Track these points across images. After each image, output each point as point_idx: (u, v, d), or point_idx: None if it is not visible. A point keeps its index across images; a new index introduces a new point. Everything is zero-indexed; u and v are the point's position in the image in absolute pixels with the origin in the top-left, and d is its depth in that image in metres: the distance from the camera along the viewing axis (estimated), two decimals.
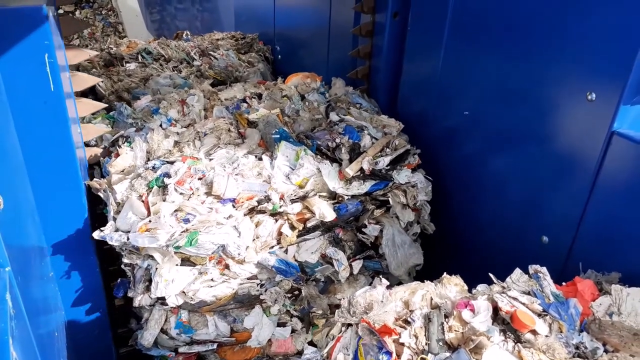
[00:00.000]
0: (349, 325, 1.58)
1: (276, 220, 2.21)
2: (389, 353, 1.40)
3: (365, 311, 1.58)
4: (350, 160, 2.40)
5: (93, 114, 2.91)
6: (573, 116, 1.85)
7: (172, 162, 2.28)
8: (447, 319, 1.49)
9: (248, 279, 2.19)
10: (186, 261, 2.08)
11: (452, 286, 1.65)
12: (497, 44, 2.14)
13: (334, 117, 2.73)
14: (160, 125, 2.74)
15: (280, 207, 2.17)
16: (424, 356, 1.38)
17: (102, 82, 3.86)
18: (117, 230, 2.08)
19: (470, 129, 2.41)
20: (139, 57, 4.44)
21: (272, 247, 2.20)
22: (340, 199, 2.34)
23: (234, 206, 2.13)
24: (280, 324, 2.30)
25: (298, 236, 2.25)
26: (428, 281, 1.69)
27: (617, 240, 1.77)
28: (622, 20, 1.62)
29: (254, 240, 2.14)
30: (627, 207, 1.72)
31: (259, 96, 3.06)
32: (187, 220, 1.99)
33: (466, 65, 2.36)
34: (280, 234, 2.19)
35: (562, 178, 1.94)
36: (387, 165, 2.41)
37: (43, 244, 2.14)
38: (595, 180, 1.80)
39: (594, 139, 1.77)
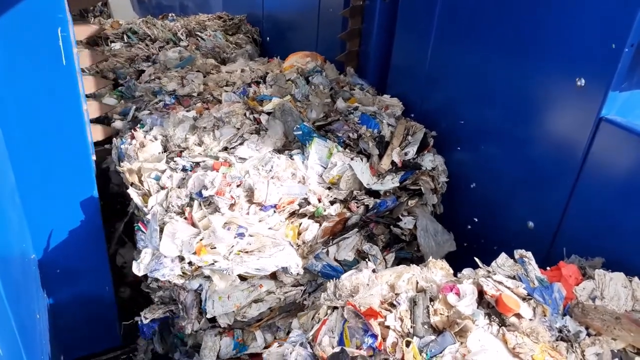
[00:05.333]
0: (335, 308, 1.57)
1: (320, 224, 2.17)
2: (374, 336, 1.40)
3: (351, 294, 1.57)
4: (380, 153, 2.40)
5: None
6: (562, 102, 1.85)
7: (197, 163, 2.24)
8: (432, 303, 1.49)
9: (293, 285, 2.16)
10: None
11: (437, 270, 1.66)
12: (488, 30, 2.12)
13: (340, 104, 2.72)
14: (165, 105, 2.83)
15: (325, 210, 2.15)
16: (409, 339, 1.38)
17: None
18: (153, 255, 1.94)
19: (458, 116, 2.40)
20: (125, 36, 4.35)
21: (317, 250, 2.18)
22: (387, 194, 2.34)
23: (275, 211, 2.09)
24: None
25: (339, 235, 2.24)
26: (414, 265, 1.69)
27: (601, 225, 1.79)
28: (612, 6, 1.61)
29: (299, 246, 2.11)
30: (612, 194, 1.74)
31: (263, 78, 3.07)
32: (241, 235, 1.94)
33: (456, 51, 2.34)
34: (323, 235, 2.16)
35: (549, 164, 1.95)
36: (414, 154, 2.44)
37: (24, 226, 2.10)
38: (582, 167, 1.81)
39: (582, 125, 1.77)
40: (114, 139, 2.62)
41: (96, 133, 2.60)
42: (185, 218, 1.99)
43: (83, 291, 2.42)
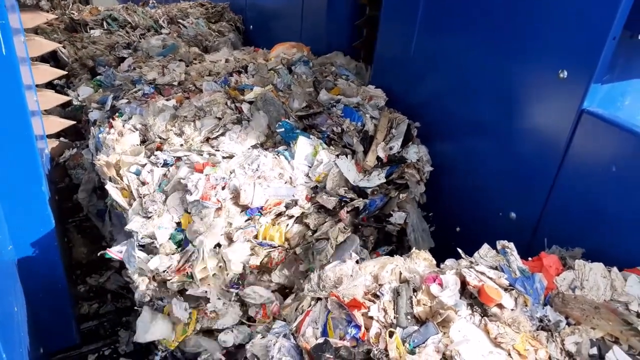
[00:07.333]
0: (319, 299, 1.57)
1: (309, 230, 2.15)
2: (357, 326, 1.40)
3: (334, 285, 1.57)
4: (364, 149, 2.37)
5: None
6: (545, 94, 1.86)
7: (179, 158, 2.17)
8: (415, 293, 1.50)
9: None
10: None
11: (420, 260, 1.66)
12: (472, 22, 2.12)
13: (323, 95, 2.68)
14: (144, 94, 2.77)
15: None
16: (392, 330, 1.38)
17: (64, 48, 3.70)
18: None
19: (442, 107, 2.40)
20: (104, 23, 4.25)
21: None
22: (375, 192, 2.32)
23: (260, 213, 2.06)
24: None
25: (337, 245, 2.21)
26: (397, 255, 1.69)
27: (582, 216, 1.81)
28: None
29: (287, 250, 2.09)
30: (592, 185, 1.76)
31: (245, 68, 3.02)
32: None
33: (440, 42, 2.33)
34: None
35: (531, 155, 1.96)
36: (399, 148, 2.42)
37: (1, 217, 2.05)
38: (564, 158, 1.82)
39: (564, 117, 1.78)
40: (92, 128, 2.57)
41: (51, 125, 2.55)
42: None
43: (41, 286, 2.35)
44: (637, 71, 1.87)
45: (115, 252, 1.96)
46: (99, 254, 2.02)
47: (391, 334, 1.37)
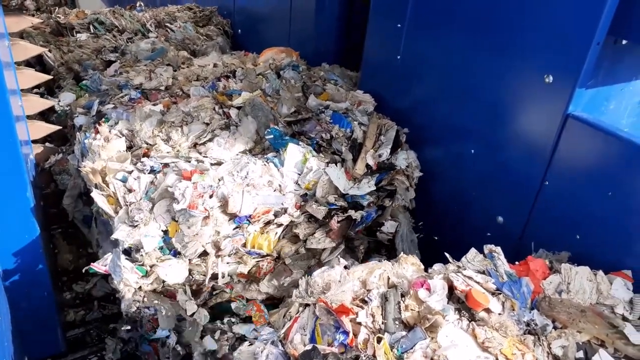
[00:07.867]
0: (307, 305, 1.56)
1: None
2: (345, 332, 1.40)
3: (323, 291, 1.56)
4: (354, 157, 2.36)
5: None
6: (531, 98, 1.87)
7: (166, 164, 2.14)
8: (403, 298, 1.50)
9: None
10: None
11: (408, 265, 1.66)
12: (459, 28, 2.13)
13: (312, 101, 2.66)
14: (130, 99, 2.72)
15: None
16: (380, 335, 1.38)
17: (49, 52, 3.66)
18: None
19: (430, 112, 2.41)
20: (91, 27, 4.22)
21: None
22: (371, 205, 2.32)
23: (249, 221, 2.04)
24: None
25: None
26: (385, 260, 1.69)
27: (568, 220, 1.82)
28: (579, 4, 1.64)
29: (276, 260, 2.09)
30: (578, 189, 1.77)
31: (233, 73, 3.00)
32: None
33: (427, 47, 2.34)
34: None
35: (517, 160, 1.97)
36: (388, 155, 2.41)
37: None
38: (550, 162, 1.84)
39: (550, 122, 1.80)
40: (77, 133, 2.53)
41: (36, 130, 2.52)
42: None
43: (26, 293, 2.31)
44: (621, 76, 1.90)
45: (99, 266, 1.93)
46: (84, 270, 1.98)
47: (379, 340, 1.37)
